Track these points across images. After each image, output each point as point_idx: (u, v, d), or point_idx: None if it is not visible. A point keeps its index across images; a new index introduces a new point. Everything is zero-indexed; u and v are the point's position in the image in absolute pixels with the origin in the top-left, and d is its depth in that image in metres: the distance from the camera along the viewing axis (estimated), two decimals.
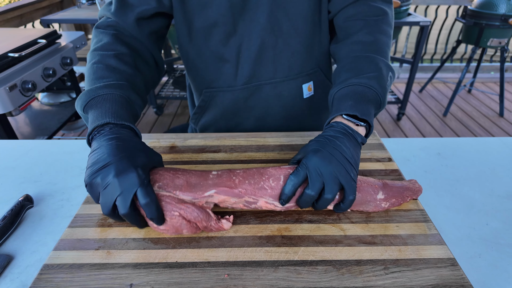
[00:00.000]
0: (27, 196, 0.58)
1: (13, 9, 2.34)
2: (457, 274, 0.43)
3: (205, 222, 0.48)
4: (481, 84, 3.46)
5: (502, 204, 0.60)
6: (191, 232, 0.49)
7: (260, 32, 0.69)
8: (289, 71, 0.76)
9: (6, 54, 1.37)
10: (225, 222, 0.50)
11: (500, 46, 2.58)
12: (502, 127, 2.70)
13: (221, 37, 0.70)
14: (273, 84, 0.77)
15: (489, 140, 0.79)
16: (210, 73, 0.76)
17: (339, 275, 0.43)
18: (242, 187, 0.50)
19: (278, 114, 0.82)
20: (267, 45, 0.71)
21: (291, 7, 0.68)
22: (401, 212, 0.53)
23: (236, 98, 0.79)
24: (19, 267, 0.48)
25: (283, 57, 0.74)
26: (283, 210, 0.52)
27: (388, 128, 2.72)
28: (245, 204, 0.51)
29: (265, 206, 0.51)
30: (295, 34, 0.72)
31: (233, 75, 0.75)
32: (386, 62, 0.61)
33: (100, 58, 0.59)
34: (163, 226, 0.47)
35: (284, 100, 0.80)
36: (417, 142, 0.80)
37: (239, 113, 0.82)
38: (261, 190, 0.50)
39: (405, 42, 3.52)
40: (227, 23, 0.68)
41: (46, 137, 1.70)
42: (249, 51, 0.72)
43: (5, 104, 1.30)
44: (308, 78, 0.79)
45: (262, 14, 0.68)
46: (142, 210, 0.45)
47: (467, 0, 3.23)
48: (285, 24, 0.70)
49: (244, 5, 0.67)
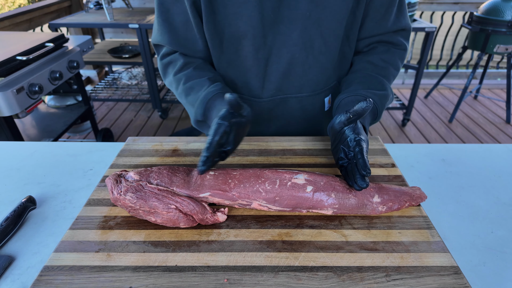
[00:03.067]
0: (30, 198, 0.59)
1: (22, 13, 2.38)
2: (460, 282, 0.42)
3: (201, 214, 0.50)
4: (487, 91, 3.43)
5: (507, 212, 0.59)
6: (188, 225, 0.50)
7: (292, 48, 0.69)
8: (316, 86, 0.76)
9: (14, 57, 1.39)
10: (220, 215, 0.52)
11: (507, 52, 2.56)
12: (509, 134, 2.67)
13: (250, 49, 0.69)
14: (299, 98, 0.77)
15: (494, 147, 0.78)
16: (239, 83, 0.77)
17: (340, 282, 0.42)
18: (237, 190, 0.53)
19: (299, 125, 0.83)
20: (297, 61, 0.71)
21: (325, 25, 0.67)
22: (403, 218, 0.53)
23: (260, 108, 0.78)
24: (20, 268, 0.48)
25: (312, 73, 0.74)
26: (276, 212, 0.54)
27: (393, 133, 2.70)
28: (239, 205, 0.54)
29: (259, 208, 0.53)
30: (326, 51, 0.71)
31: (260, 87, 0.75)
32: (390, 87, 0.70)
33: (186, 78, 0.70)
34: (160, 219, 0.50)
35: (308, 113, 0.80)
36: (422, 148, 0.79)
37: (261, 122, 0.82)
38: (256, 193, 0.52)
39: (411, 48, 3.51)
40: (257, 35, 0.67)
41: (52, 139, 1.71)
42: (277, 65, 0.71)
43: (12, 106, 1.32)
44: (329, 91, 0.80)
45: (295, 30, 0.67)
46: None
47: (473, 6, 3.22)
48: (317, 41, 0.69)
49: (275, 18, 0.65)
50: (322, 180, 0.54)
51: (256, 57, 0.70)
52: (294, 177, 0.54)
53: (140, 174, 0.54)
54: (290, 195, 0.52)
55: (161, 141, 0.74)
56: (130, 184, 0.52)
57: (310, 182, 0.53)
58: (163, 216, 0.50)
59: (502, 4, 2.44)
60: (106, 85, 3.07)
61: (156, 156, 0.69)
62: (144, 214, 0.51)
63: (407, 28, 0.75)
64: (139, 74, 3.19)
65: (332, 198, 0.52)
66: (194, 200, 0.51)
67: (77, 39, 1.96)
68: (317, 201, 0.52)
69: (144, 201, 0.50)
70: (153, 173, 0.54)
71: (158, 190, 0.51)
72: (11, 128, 1.43)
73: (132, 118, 2.91)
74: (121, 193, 0.51)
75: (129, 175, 0.54)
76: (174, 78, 0.73)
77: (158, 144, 0.73)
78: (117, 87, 3.04)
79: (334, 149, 0.59)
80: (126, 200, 0.50)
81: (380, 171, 0.64)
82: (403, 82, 3.50)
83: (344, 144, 0.56)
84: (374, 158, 0.68)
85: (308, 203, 0.52)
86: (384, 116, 2.95)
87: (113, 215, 0.53)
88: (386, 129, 2.76)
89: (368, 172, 0.49)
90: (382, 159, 0.68)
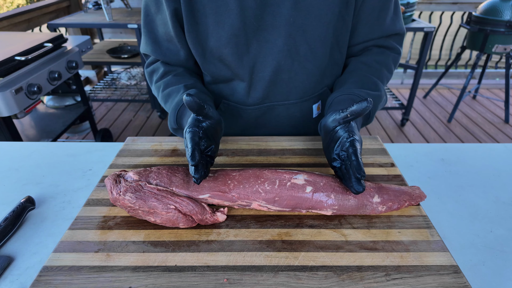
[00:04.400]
0: (29, 198, 0.59)
1: (21, 14, 2.38)
2: (460, 281, 0.42)
3: (200, 215, 0.50)
4: (486, 91, 3.44)
5: (507, 211, 0.60)
6: (187, 225, 0.50)
7: (277, 55, 0.67)
8: (303, 93, 0.75)
9: (13, 57, 1.39)
10: (220, 214, 0.52)
11: (505, 52, 2.57)
12: (508, 134, 2.68)
13: (234, 58, 0.67)
14: (286, 105, 0.76)
15: (494, 146, 0.79)
16: (225, 91, 0.77)
17: (340, 281, 0.42)
18: (236, 191, 0.53)
19: (287, 132, 0.82)
20: (283, 68, 0.69)
21: (310, 31, 0.65)
22: (403, 218, 0.53)
23: (247, 116, 0.78)
24: (19, 268, 0.48)
25: (298, 80, 0.72)
26: (276, 212, 0.54)
27: (392, 133, 2.70)
28: (238, 206, 0.54)
29: (258, 208, 0.53)
30: (312, 57, 0.70)
31: (246, 95, 0.74)
32: (384, 89, 0.70)
33: (165, 85, 0.71)
34: (159, 219, 0.50)
35: (295, 120, 0.80)
36: (421, 147, 0.79)
37: (249, 129, 0.82)
38: (255, 194, 0.52)
39: (410, 48, 3.52)
40: (240, 43, 0.65)
41: (51, 139, 1.71)
42: (263, 73, 0.70)
43: (10, 106, 1.32)
44: (318, 98, 0.79)
45: (280, 37, 0.65)
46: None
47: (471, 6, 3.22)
48: (303, 47, 0.67)
49: (259, 26, 0.64)
50: (321, 180, 0.53)
51: (241, 65, 0.69)
52: (294, 177, 0.54)
53: (139, 174, 0.54)
54: (290, 196, 0.52)
55: (160, 141, 0.74)
56: (129, 184, 0.52)
57: (309, 182, 0.53)
58: (163, 216, 0.50)
59: (500, 4, 2.45)
60: (105, 86, 3.07)
61: (156, 156, 0.68)
62: (144, 214, 0.51)
63: (401, 33, 0.74)
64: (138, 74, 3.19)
65: (332, 199, 0.52)
66: (193, 200, 0.51)
67: (76, 39, 1.96)
68: (317, 202, 0.52)
69: (143, 201, 0.50)
70: (153, 173, 0.54)
71: (158, 190, 0.51)
72: (10, 129, 1.43)
73: (131, 118, 2.91)
74: (120, 193, 0.51)
75: (129, 175, 0.54)
76: (156, 85, 0.74)
77: (157, 144, 0.72)
78: (116, 87, 3.04)
79: (327, 148, 0.57)
80: (125, 200, 0.50)
81: (380, 170, 0.64)
82: (402, 82, 3.51)
83: (336, 144, 0.54)
84: (373, 158, 0.68)
85: (307, 203, 0.52)
86: (383, 116, 2.96)
87: (112, 215, 0.53)
88: (385, 129, 2.76)
89: (363, 175, 0.48)
90: (381, 159, 0.68)
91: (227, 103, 0.79)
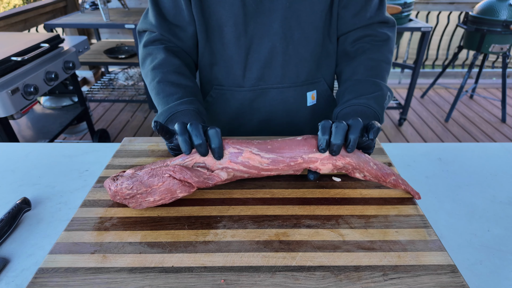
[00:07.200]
0: (24, 199, 0.58)
1: (18, 14, 2.36)
2: (457, 281, 0.42)
3: (196, 177, 0.50)
4: (483, 90, 3.45)
5: (504, 211, 0.60)
6: (186, 192, 0.50)
7: (272, 37, 0.71)
8: (296, 78, 0.78)
9: (9, 58, 1.38)
10: (219, 171, 0.51)
11: (502, 52, 2.58)
12: (505, 133, 2.69)
13: (231, 36, 0.71)
14: (280, 89, 0.79)
15: (491, 146, 0.79)
16: (222, 72, 0.78)
17: (337, 281, 0.42)
18: (228, 144, 0.53)
19: (281, 118, 0.84)
20: (278, 50, 0.73)
21: (304, 16, 0.70)
22: (400, 217, 0.53)
23: (242, 98, 0.80)
24: (14, 270, 0.48)
25: (292, 64, 0.76)
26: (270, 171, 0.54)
27: (390, 133, 2.71)
28: (230, 158, 0.52)
29: (250, 157, 0.52)
30: (305, 43, 0.74)
31: (241, 76, 0.77)
32: (385, 85, 0.68)
33: (163, 76, 0.68)
34: (158, 195, 0.50)
35: (289, 105, 0.82)
36: (418, 147, 0.79)
37: (243, 114, 0.83)
38: (248, 143, 0.53)
39: (407, 47, 3.53)
40: (239, 23, 0.69)
41: (48, 140, 1.70)
42: (258, 54, 0.73)
43: (7, 107, 1.31)
44: (313, 86, 0.81)
45: (276, 20, 0.69)
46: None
47: (468, 6, 3.24)
48: (297, 32, 0.72)
49: (257, 8, 0.68)
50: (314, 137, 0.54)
51: (238, 45, 0.72)
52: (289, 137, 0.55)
53: (135, 168, 0.54)
54: (282, 142, 0.53)
55: (158, 141, 0.74)
56: (126, 176, 0.52)
57: (305, 137, 0.54)
58: (160, 189, 0.50)
59: (497, 4, 2.46)
60: (102, 86, 3.06)
61: (152, 156, 0.68)
62: (143, 199, 0.51)
63: (390, 22, 0.75)
64: (136, 74, 3.18)
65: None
66: (187, 167, 0.51)
67: (72, 40, 1.95)
68: (310, 146, 0.52)
69: (139, 182, 0.50)
70: (147, 165, 0.55)
71: (151, 169, 0.52)
72: (6, 130, 1.42)
73: (128, 119, 2.90)
74: (118, 185, 0.51)
75: (126, 172, 0.54)
76: (152, 72, 0.70)
77: (154, 145, 0.72)
78: (113, 88, 3.03)
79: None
80: (123, 188, 0.50)
81: None
82: (400, 82, 3.52)
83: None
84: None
85: (301, 147, 0.52)
86: None
87: (109, 216, 0.53)
88: (383, 129, 2.77)
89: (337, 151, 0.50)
90: (379, 158, 0.68)
91: (220, 88, 0.81)
